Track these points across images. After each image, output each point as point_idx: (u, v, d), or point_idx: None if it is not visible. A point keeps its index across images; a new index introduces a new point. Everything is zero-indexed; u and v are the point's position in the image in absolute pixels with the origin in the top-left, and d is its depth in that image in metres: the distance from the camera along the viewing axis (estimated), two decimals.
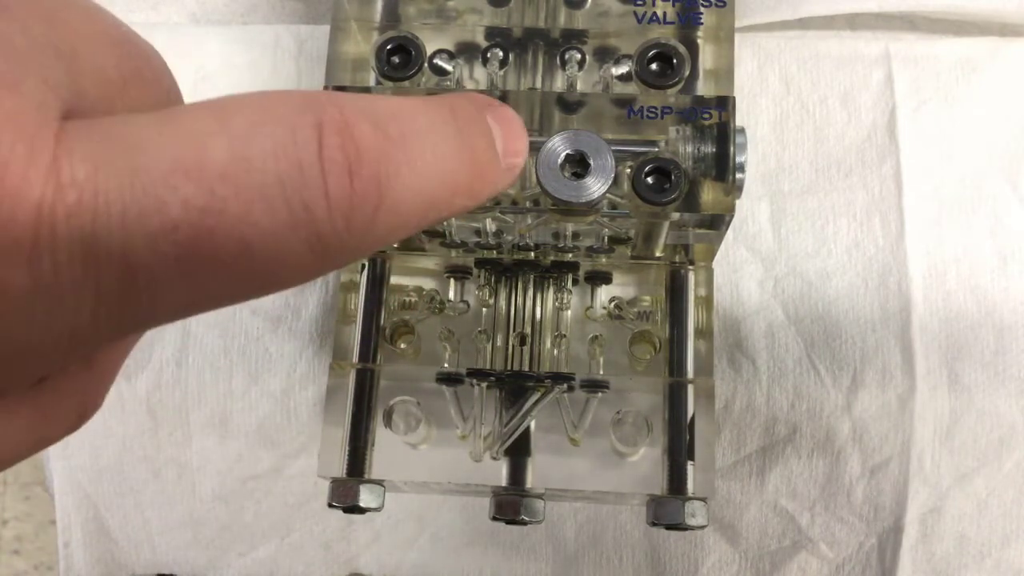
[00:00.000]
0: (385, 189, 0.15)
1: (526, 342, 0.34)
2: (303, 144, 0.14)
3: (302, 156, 0.14)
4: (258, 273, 0.14)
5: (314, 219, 0.14)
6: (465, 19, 0.33)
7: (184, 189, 0.13)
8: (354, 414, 0.33)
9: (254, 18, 0.42)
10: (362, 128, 0.15)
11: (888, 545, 0.36)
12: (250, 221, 0.14)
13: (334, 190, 0.14)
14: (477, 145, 0.17)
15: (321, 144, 0.14)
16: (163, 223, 0.13)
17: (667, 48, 0.31)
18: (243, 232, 0.14)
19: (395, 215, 0.15)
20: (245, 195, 0.14)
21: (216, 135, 0.14)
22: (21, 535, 0.81)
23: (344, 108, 0.15)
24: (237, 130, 0.14)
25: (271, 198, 0.14)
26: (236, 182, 0.14)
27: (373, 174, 0.15)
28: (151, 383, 0.38)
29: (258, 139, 0.14)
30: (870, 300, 0.36)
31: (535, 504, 0.32)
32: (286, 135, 0.14)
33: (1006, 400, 0.36)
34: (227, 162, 0.14)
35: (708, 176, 0.29)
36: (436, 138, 0.16)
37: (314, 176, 0.14)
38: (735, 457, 0.37)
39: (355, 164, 0.15)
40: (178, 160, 0.13)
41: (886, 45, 0.39)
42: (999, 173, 0.37)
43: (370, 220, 0.15)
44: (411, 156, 0.16)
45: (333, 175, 0.14)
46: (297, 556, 0.39)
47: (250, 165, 0.14)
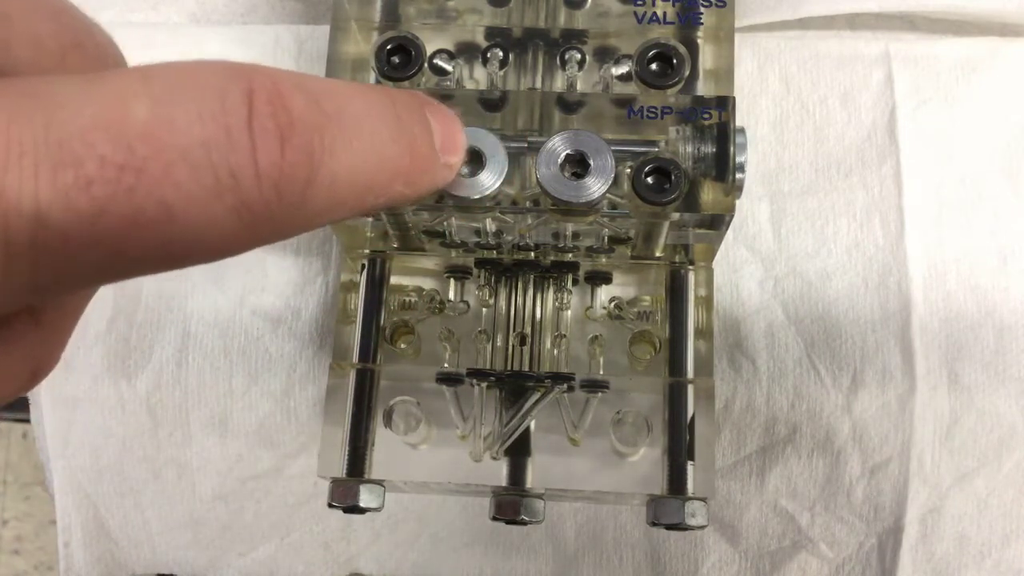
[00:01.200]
0: (318, 162, 0.15)
1: (526, 342, 0.34)
2: (232, 109, 0.14)
3: (230, 121, 0.14)
4: (181, 239, 0.14)
5: (241, 186, 0.14)
6: (465, 19, 0.33)
7: (101, 146, 0.13)
8: (354, 414, 0.33)
9: (254, 18, 0.42)
10: (296, 99, 0.15)
11: (888, 545, 0.36)
12: (172, 183, 0.13)
13: (263, 157, 0.14)
14: (416, 134, 0.17)
15: (251, 110, 0.14)
16: (77, 178, 0.13)
17: (667, 48, 0.31)
18: (164, 194, 0.13)
19: (328, 192, 0.15)
20: (167, 156, 0.13)
21: (140, 95, 0.14)
22: (21, 535, 0.81)
23: (277, 79, 0.15)
24: (163, 92, 0.14)
25: (195, 161, 0.14)
26: (158, 142, 0.13)
27: (306, 144, 0.15)
28: (151, 383, 0.38)
29: (184, 102, 0.14)
30: (870, 300, 0.36)
31: (535, 504, 0.32)
32: (214, 99, 0.14)
33: (1006, 400, 0.36)
34: (149, 121, 0.13)
35: (708, 176, 0.29)
36: (374, 121, 0.16)
37: (242, 142, 0.14)
38: (735, 457, 0.37)
39: (287, 132, 0.14)
40: (97, 117, 0.13)
41: (886, 45, 0.39)
42: (999, 173, 0.37)
43: (301, 193, 0.15)
44: (347, 134, 0.15)
45: (263, 142, 0.14)
46: (297, 556, 0.39)
47: (173, 126, 0.14)
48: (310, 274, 0.38)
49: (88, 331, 0.38)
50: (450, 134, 0.19)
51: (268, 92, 0.14)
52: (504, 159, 0.27)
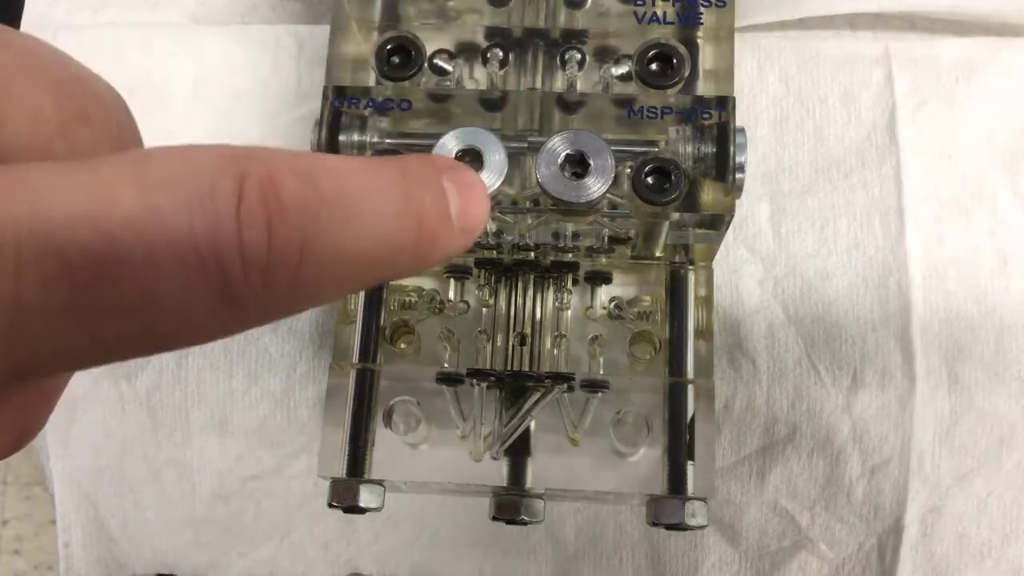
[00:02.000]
0: (309, 248, 0.15)
1: (526, 342, 0.34)
2: (221, 196, 0.14)
3: (219, 208, 0.14)
4: (165, 324, 0.14)
5: (227, 274, 0.14)
6: (465, 19, 0.33)
7: (83, 236, 0.13)
8: (354, 414, 0.33)
9: (254, 18, 0.42)
10: (288, 184, 0.14)
11: (888, 545, 0.36)
12: (155, 272, 0.14)
13: (249, 246, 0.14)
14: (426, 208, 0.17)
15: (241, 197, 0.14)
16: (60, 267, 0.13)
17: (667, 48, 0.31)
18: (146, 282, 0.14)
19: (321, 274, 0.15)
20: (151, 245, 0.13)
21: (128, 183, 0.14)
22: (21, 535, 0.81)
23: (271, 163, 0.15)
24: (152, 179, 0.14)
25: (181, 250, 0.14)
26: (142, 231, 0.13)
27: (295, 230, 0.14)
28: (151, 383, 0.38)
29: (173, 189, 0.14)
30: (870, 300, 0.36)
31: (535, 504, 0.32)
32: (204, 187, 0.14)
33: (1006, 400, 0.36)
34: (134, 210, 0.13)
35: (708, 176, 0.29)
36: (377, 197, 0.16)
37: (229, 230, 0.14)
38: (735, 457, 0.37)
39: (276, 219, 0.14)
40: (83, 206, 0.13)
41: (886, 45, 0.39)
42: (999, 173, 0.37)
43: (291, 278, 0.15)
44: (346, 215, 0.15)
45: (249, 230, 0.14)
46: (297, 556, 0.39)
47: (160, 215, 0.14)
48: None
49: None
50: (470, 200, 0.18)
51: (260, 177, 0.14)
52: (504, 159, 0.27)
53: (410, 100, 0.30)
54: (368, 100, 0.30)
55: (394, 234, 0.16)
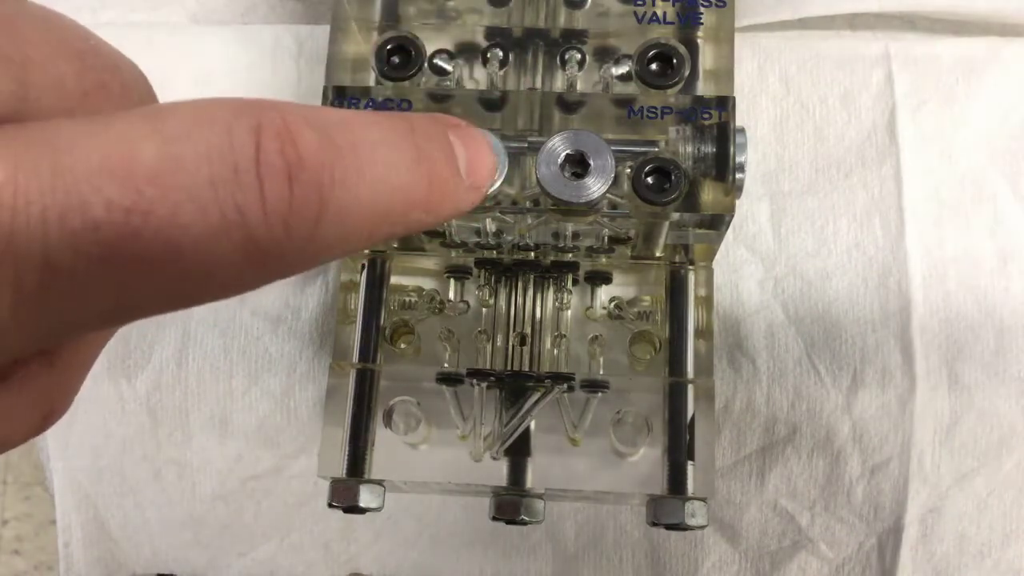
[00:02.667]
0: (327, 197, 0.15)
1: (526, 342, 0.34)
2: (239, 147, 0.14)
3: (238, 159, 0.14)
4: (190, 277, 0.14)
5: (249, 224, 0.14)
6: (465, 19, 0.33)
7: (108, 189, 0.13)
8: (354, 414, 0.33)
9: (254, 18, 0.42)
10: (304, 133, 0.15)
11: (888, 545, 0.36)
12: (179, 224, 0.14)
13: (271, 195, 0.14)
14: (436, 160, 0.17)
15: (259, 148, 0.14)
16: (85, 223, 0.13)
17: (667, 48, 0.31)
18: (171, 235, 0.14)
19: (340, 225, 0.15)
20: (174, 197, 0.14)
21: (147, 137, 0.14)
22: (21, 535, 0.81)
23: (287, 114, 0.15)
24: (170, 133, 0.14)
25: (202, 201, 0.14)
26: (164, 183, 0.14)
27: (314, 180, 0.15)
28: (151, 383, 0.38)
29: (191, 141, 0.14)
30: (870, 300, 0.36)
31: (535, 504, 0.32)
32: (222, 138, 0.14)
33: (1006, 400, 0.36)
34: (156, 163, 0.14)
35: (708, 176, 0.29)
36: (390, 150, 0.16)
37: (250, 180, 0.14)
38: (735, 457, 0.37)
39: (295, 169, 0.14)
40: (104, 161, 0.13)
41: (886, 45, 0.39)
42: (999, 173, 0.37)
43: (311, 229, 0.15)
44: (360, 165, 0.15)
45: (270, 179, 0.14)
46: (297, 556, 0.39)
47: (180, 167, 0.14)
48: (310, 274, 0.38)
49: None
50: (478, 157, 0.18)
51: (276, 128, 0.14)
52: (504, 159, 0.27)
53: (410, 100, 0.30)
54: (368, 100, 0.30)
55: (407, 186, 0.16)
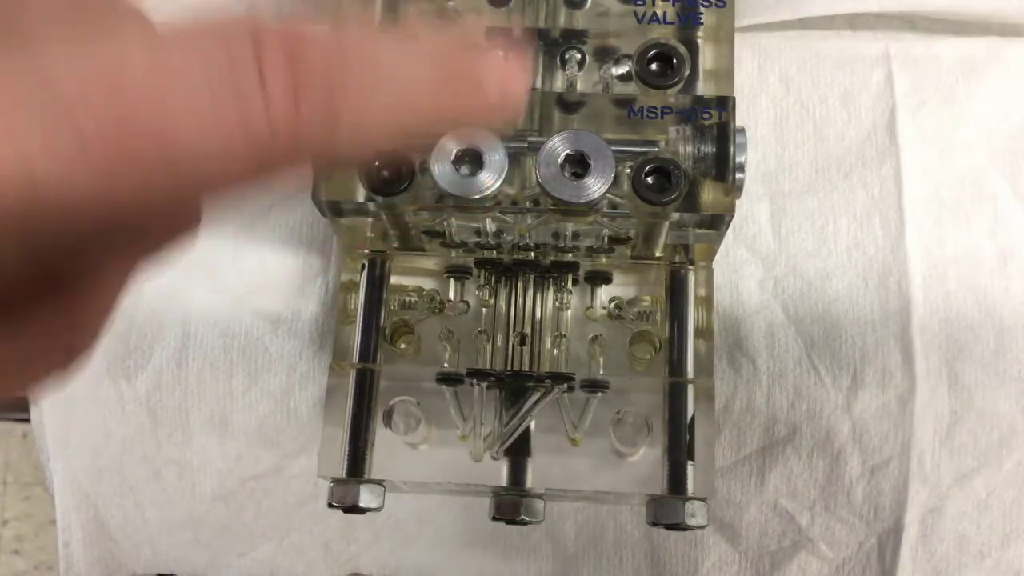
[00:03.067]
0: (338, 112, 0.14)
1: (526, 342, 0.34)
2: (239, 60, 0.13)
3: (239, 72, 0.13)
4: (186, 178, 0.13)
5: (257, 141, 0.13)
6: (465, 19, 0.33)
7: (96, 99, 0.13)
8: (354, 414, 0.33)
9: None
10: (309, 45, 0.14)
11: (888, 545, 0.36)
12: (174, 133, 0.13)
13: (277, 109, 0.13)
14: (460, 68, 0.16)
15: (260, 60, 0.13)
16: (73, 134, 0.13)
17: (667, 48, 0.31)
18: (165, 147, 0.13)
19: (355, 133, 0.14)
20: (168, 104, 0.13)
21: (137, 44, 0.13)
22: (21, 535, 0.81)
23: (283, 27, 0.14)
24: (164, 44, 0.13)
25: (199, 107, 0.13)
26: (157, 90, 0.13)
27: (327, 83, 0.14)
28: (151, 383, 0.38)
29: (185, 48, 0.13)
30: (870, 300, 0.36)
31: (535, 504, 0.32)
32: (220, 51, 0.13)
33: (1006, 400, 0.36)
34: (147, 69, 0.13)
35: (708, 176, 0.29)
36: (410, 62, 0.15)
37: (253, 94, 0.13)
38: (735, 457, 0.37)
39: (302, 77, 0.14)
40: (92, 69, 0.13)
41: (886, 45, 0.39)
42: (999, 173, 0.37)
43: (327, 136, 0.14)
44: (370, 71, 0.15)
45: (276, 93, 0.13)
46: (297, 556, 0.39)
47: (174, 73, 0.13)
48: (310, 274, 0.38)
49: None
50: (508, 68, 0.17)
51: (276, 40, 0.14)
52: (504, 159, 0.27)
53: None
54: None
55: (421, 85, 0.15)
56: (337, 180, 0.30)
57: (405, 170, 0.29)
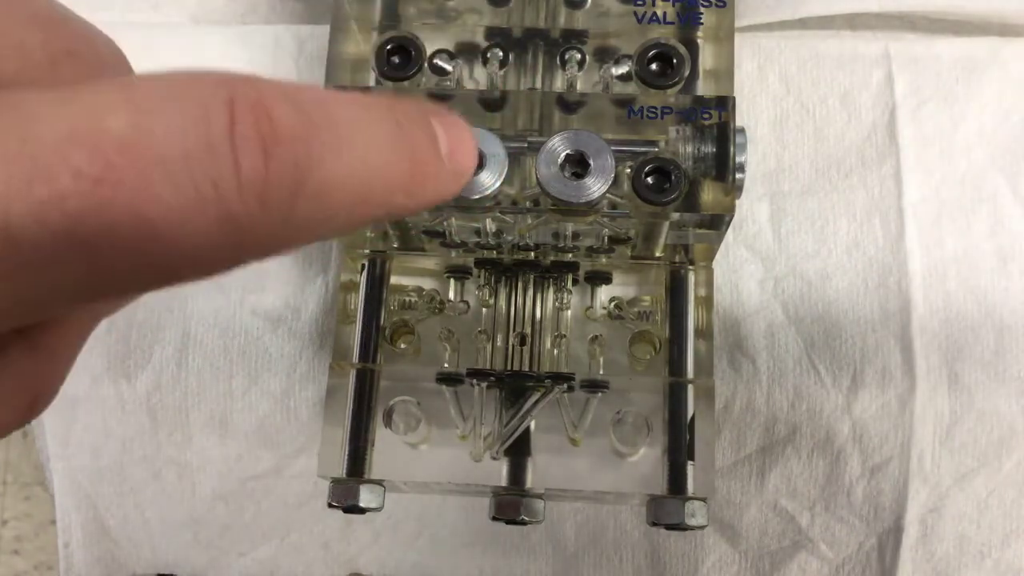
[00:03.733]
0: (304, 172, 0.14)
1: (526, 342, 0.34)
2: (213, 120, 0.14)
3: (211, 132, 0.14)
4: (164, 254, 0.14)
5: (223, 199, 0.14)
6: (465, 19, 0.33)
7: (76, 158, 0.13)
8: (354, 414, 0.33)
9: (254, 18, 0.42)
10: (281, 109, 0.14)
11: (888, 545, 0.36)
12: (151, 196, 0.13)
13: (246, 168, 0.14)
14: (418, 142, 0.17)
15: (233, 120, 0.14)
16: (51, 193, 0.13)
17: (667, 48, 0.31)
18: (143, 208, 0.13)
19: (318, 203, 0.15)
20: (146, 168, 0.13)
21: (118, 107, 0.13)
22: (21, 535, 0.81)
23: (262, 88, 0.14)
24: (142, 104, 0.14)
25: (175, 173, 0.13)
26: (136, 154, 0.13)
27: (291, 154, 0.14)
28: (151, 383, 0.38)
29: (164, 113, 0.14)
30: (870, 300, 0.36)
31: (535, 504, 0.32)
32: (196, 110, 0.14)
33: (1006, 400, 0.36)
34: (126, 133, 0.13)
35: (708, 176, 0.29)
36: (370, 128, 0.16)
37: (223, 152, 0.14)
38: (735, 457, 0.37)
39: (270, 142, 0.14)
40: (73, 130, 0.13)
41: (886, 45, 0.39)
42: (999, 173, 0.37)
43: (288, 205, 0.14)
44: (339, 142, 0.15)
45: (244, 152, 0.14)
46: (297, 556, 0.39)
47: (152, 138, 0.13)
48: (310, 274, 0.38)
49: None
50: (459, 142, 0.18)
51: (251, 101, 0.14)
52: (504, 159, 0.27)
53: None
54: None
55: (387, 166, 0.16)
56: None
57: None
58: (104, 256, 0.13)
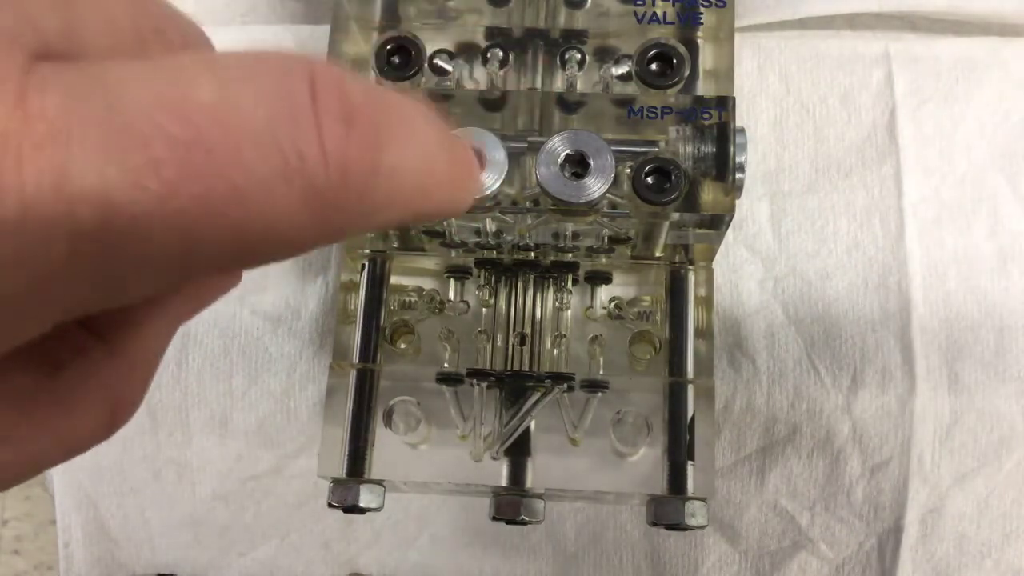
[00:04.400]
0: (381, 151, 0.15)
1: (526, 342, 0.34)
2: (296, 92, 0.14)
3: (295, 103, 0.14)
4: (252, 226, 0.14)
5: (308, 168, 0.14)
6: (465, 19, 0.33)
7: (169, 126, 0.13)
8: (354, 414, 0.33)
9: (254, 18, 0.42)
10: (356, 88, 0.14)
11: (888, 545, 0.36)
12: (241, 164, 0.13)
13: (329, 139, 0.14)
14: (457, 147, 0.17)
15: (315, 93, 0.14)
16: (147, 160, 0.12)
17: (667, 48, 0.31)
18: (233, 175, 0.13)
19: (389, 185, 0.15)
20: (234, 136, 0.13)
21: (204, 78, 0.13)
22: (21, 535, 0.81)
23: (338, 72, 0.15)
24: (227, 75, 0.14)
25: (262, 142, 0.13)
26: (225, 122, 0.13)
27: (370, 130, 0.14)
28: (151, 383, 0.38)
29: (249, 84, 0.14)
30: (870, 300, 0.36)
31: (535, 504, 0.32)
32: (278, 82, 0.14)
33: (1006, 400, 0.36)
34: (214, 102, 0.13)
35: (708, 176, 0.29)
36: (424, 124, 0.16)
37: (308, 123, 0.14)
38: (735, 457, 0.37)
39: (350, 116, 0.14)
40: (162, 98, 0.13)
41: (886, 45, 0.39)
42: (999, 173, 0.37)
43: (366, 180, 0.14)
44: (406, 132, 0.15)
45: (328, 123, 0.14)
46: (297, 556, 0.39)
47: (240, 107, 0.13)
48: (310, 274, 0.38)
49: None
50: (475, 156, 0.18)
51: (331, 79, 0.14)
52: (504, 159, 0.27)
53: None
54: None
55: (440, 164, 0.16)
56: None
57: None
58: (197, 227, 0.13)
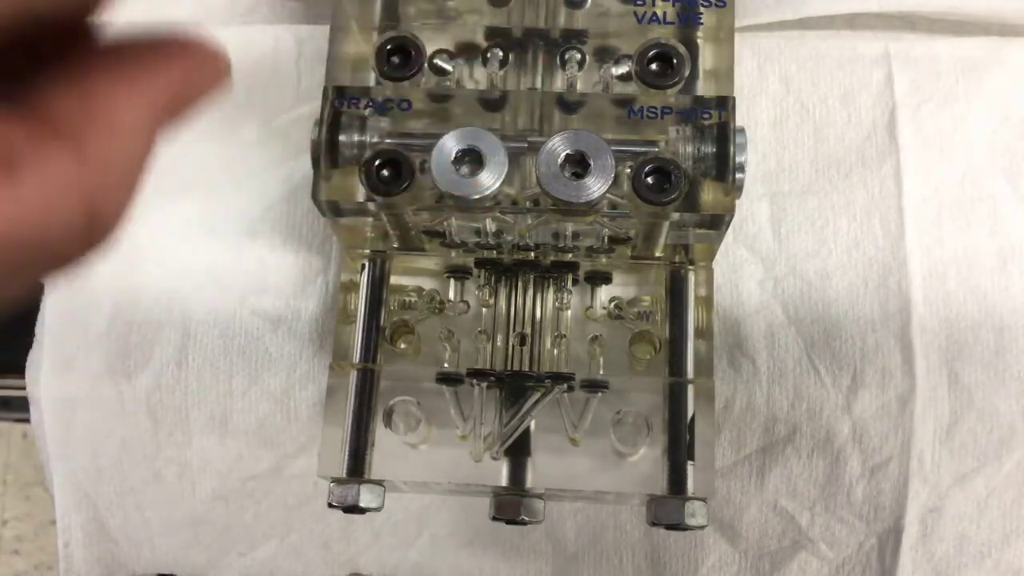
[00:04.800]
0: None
1: (526, 342, 0.34)
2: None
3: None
4: None
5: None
6: (465, 19, 0.33)
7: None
8: (354, 414, 0.33)
9: (254, 18, 0.42)
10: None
11: (888, 545, 0.36)
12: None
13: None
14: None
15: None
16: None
17: (667, 48, 0.31)
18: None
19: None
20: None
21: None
22: (21, 535, 0.81)
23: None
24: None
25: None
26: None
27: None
28: (151, 383, 0.38)
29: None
30: (870, 300, 0.36)
31: (535, 504, 0.32)
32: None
33: (1006, 400, 0.36)
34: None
35: (708, 176, 0.29)
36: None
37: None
38: (735, 457, 0.37)
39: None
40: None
41: (886, 45, 0.39)
42: (999, 173, 0.37)
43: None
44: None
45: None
46: (297, 556, 0.39)
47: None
48: (310, 274, 0.38)
49: (88, 331, 0.38)
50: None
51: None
52: (504, 159, 0.27)
53: (410, 100, 0.30)
54: (368, 100, 0.30)
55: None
56: (337, 181, 0.30)
57: (405, 170, 0.29)
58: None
